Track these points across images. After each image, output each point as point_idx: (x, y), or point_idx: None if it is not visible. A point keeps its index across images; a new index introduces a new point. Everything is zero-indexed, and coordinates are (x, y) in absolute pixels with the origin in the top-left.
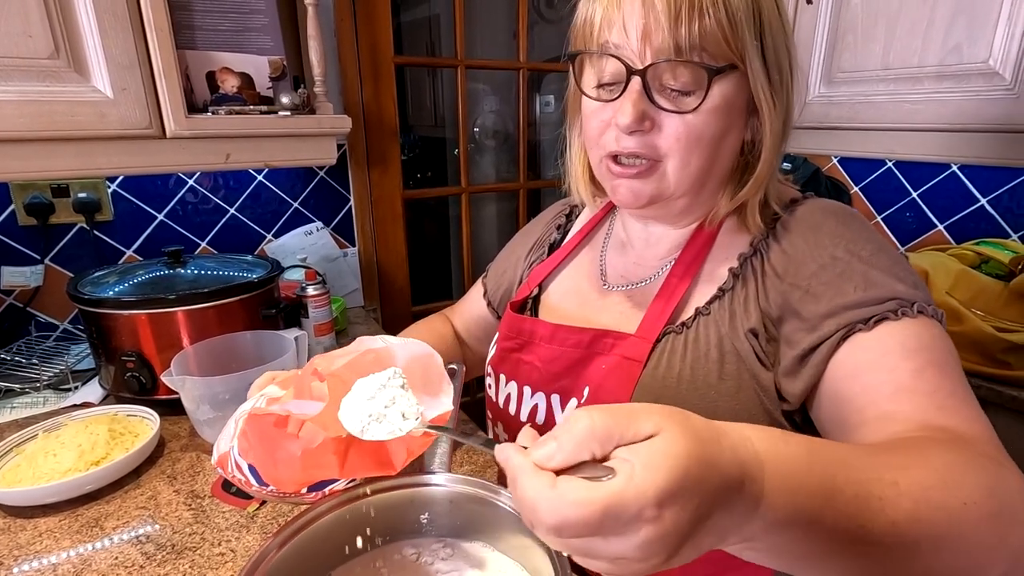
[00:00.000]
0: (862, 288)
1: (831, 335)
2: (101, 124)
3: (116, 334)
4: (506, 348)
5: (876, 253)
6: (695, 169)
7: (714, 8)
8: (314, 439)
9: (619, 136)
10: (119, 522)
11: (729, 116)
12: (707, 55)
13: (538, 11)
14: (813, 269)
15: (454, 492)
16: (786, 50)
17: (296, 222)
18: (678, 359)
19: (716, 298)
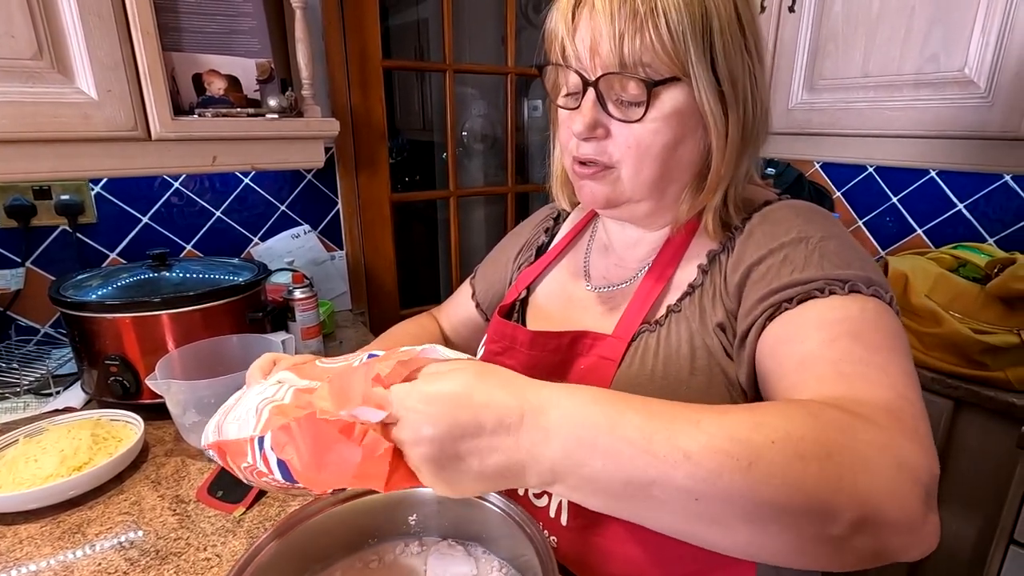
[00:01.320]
0: (799, 270)
1: (759, 317)
2: (85, 126)
3: (99, 338)
4: (492, 351)
5: (825, 240)
6: (648, 176)
7: (655, 24)
8: (376, 448)
9: (579, 142)
10: (102, 528)
11: (681, 126)
12: (651, 69)
13: (526, 16)
14: (762, 255)
15: None
16: (745, 60)
17: (283, 225)
18: (651, 356)
19: (687, 295)
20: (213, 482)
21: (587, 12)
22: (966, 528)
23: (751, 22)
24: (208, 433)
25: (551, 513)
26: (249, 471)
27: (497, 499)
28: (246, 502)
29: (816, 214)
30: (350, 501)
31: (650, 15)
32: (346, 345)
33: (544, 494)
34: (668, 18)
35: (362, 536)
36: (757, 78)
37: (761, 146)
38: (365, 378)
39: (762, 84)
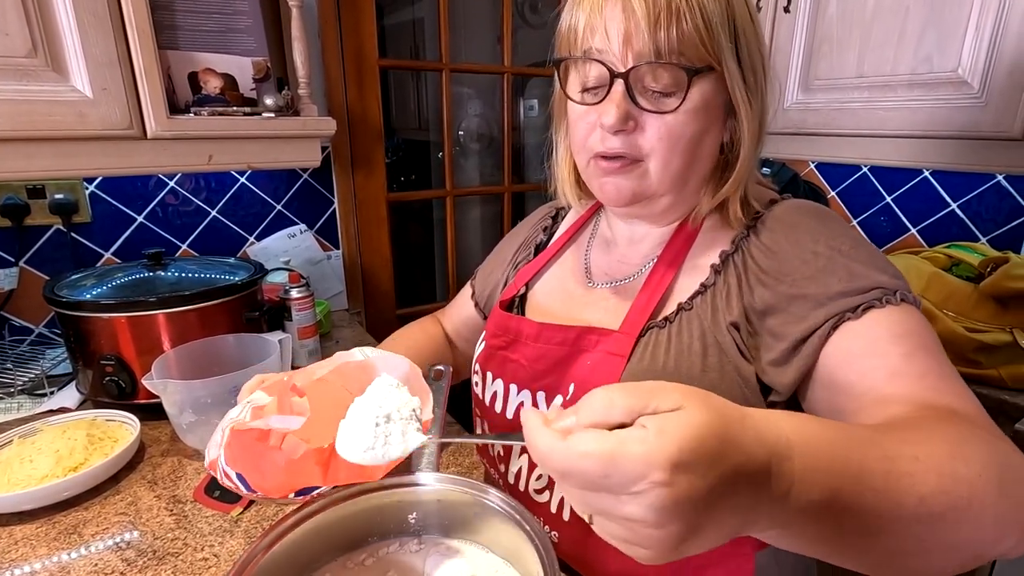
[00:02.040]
0: (846, 280)
1: (821, 324)
2: (80, 124)
3: (95, 337)
4: (493, 346)
5: (855, 247)
6: (676, 167)
7: (691, 13)
8: (296, 450)
9: (604, 136)
10: (98, 529)
11: (708, 116)
12: (685, 58)
13: (522, 16)
14: (796, 264)
15: (442, 492)
16: (759, 54)
17: (279, 224)
18: (662, 352)
19: (698, 293)
20: (210, 482)
21: (618, 3)
22: None
23: (757, 18)
24: (206, 457)
25: (552, 508)
26: (233, 488)
27: (497, 496)
28: (243, 501)
29: (828, 217)
30: (349, 500)
31: (685, 4)
32: (343, 345)
33: (546, 489)
34: (703, 8)
35: (362, 535)
36: (767, 72)
37: (763, 138)
38: (285, 388)
39: (770, 79)
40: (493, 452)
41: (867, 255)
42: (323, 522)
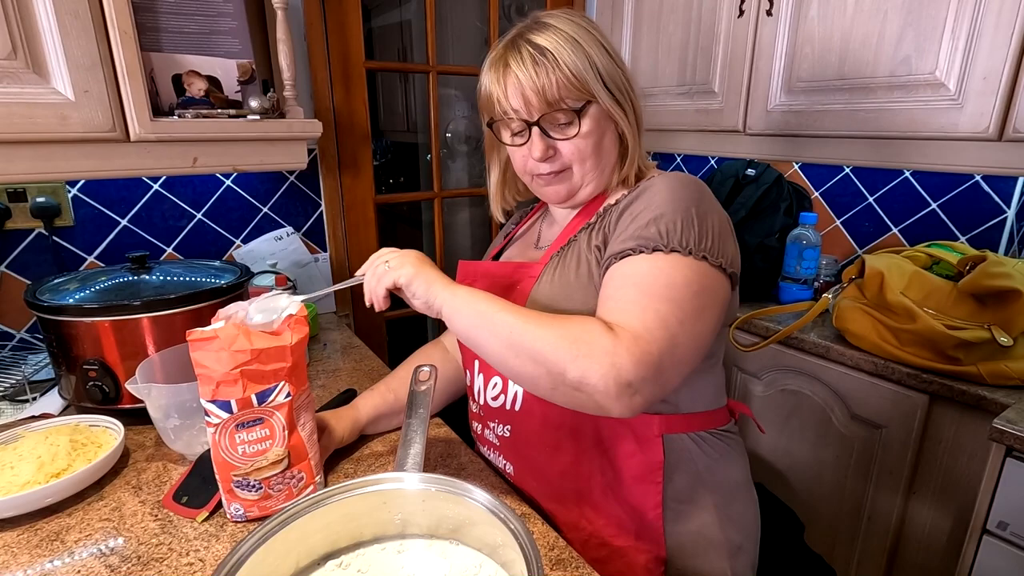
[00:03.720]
0: (630, 238)
1: (606, 262)
2: (62, 127)
3: (77, 342)
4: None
5: (668, 204)
6: (590, 166)
7: (559, 72)
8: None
9: (536, 164)
10: (81, 535)
11: (600, 128)
12: (571, 99)
13: (509, 19)
14: (626, 216)
15: (426, 492)
16: (622, 79)
17: (266, 227)
18: (557, 272)
19: (583, 230)
20: (179, 487)
21: (511, 79)
22: (942, 518)
23: (608, 43)
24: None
25: (507, 406)
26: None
27: (482, 496)
28: (208, 506)
29: (682, 188)
30: (333, 502)
31: (554, 67)
32: (331, 347)
33: (501, 394)
34: (566, 64)
35: (347, 537)
36: (630, 81)
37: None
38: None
39: (635, 87)
40: (472, 385)
41: (669, 222)
42: (308, 525)
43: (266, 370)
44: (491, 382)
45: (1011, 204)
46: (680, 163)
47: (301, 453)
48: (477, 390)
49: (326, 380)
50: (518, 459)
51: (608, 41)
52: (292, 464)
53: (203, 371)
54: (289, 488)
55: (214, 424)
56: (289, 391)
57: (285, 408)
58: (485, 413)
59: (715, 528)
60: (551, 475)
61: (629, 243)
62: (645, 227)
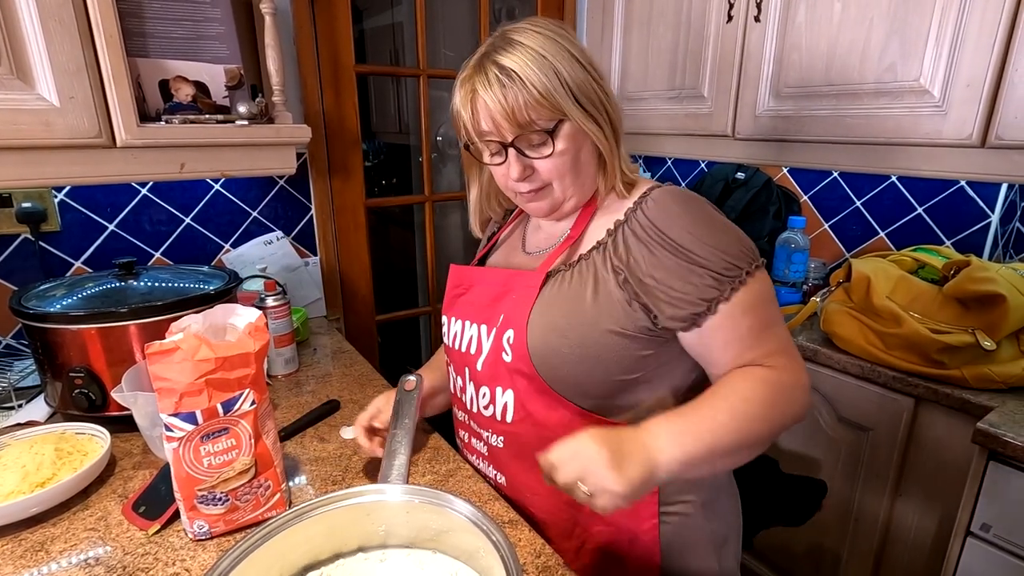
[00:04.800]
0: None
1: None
2: (47, 133)
3: (63, 349)
4: (454, 295)
5: (704, 230)
6: (569, 181)
7: (528, 93)
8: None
9: (516, 183)
10: (66, 545)
11: (575, 144)
12: (541, 120)
13: (499, 22)
14: (667, 245)
15: (409, 503)
16: (595, 90)
17: (255, 231)
18: (565, 284)
19: (595, 248)
20: (140, 496)
21: (480, 103)
22: (927, 520)
23: (581, 52)
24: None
25: (497, 416)
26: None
27: (464, 507)
28: (162, 519)
29: (691, 199)
30: (318, 514)
31: (521, 88)
32: (320, 352)
33: (490, 404)
34: (533, 85)
35: (330, 547)
36: (606, 90)
37: (622, 134)
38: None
39: (610, 93)
40: (458, 394)
41: (714, 238)
42: (291, 538)
43: (231, 378)
44: (481, 391)
45: (995, 209)
46: (671, 166)
47: (267, 461)
48: (469, 399)
49: (316, 386)
50: (510, 470)
51: (579, 48)
52: (259, 473)
53: (164, 384)
54: (256, 497)
55: (176, 439)
56: (254, 399)
57: (251, 416)
58: (476, 423)
59: (703, 524)
60: (544, 486)
61: (709, 292)
62: (702, 271)
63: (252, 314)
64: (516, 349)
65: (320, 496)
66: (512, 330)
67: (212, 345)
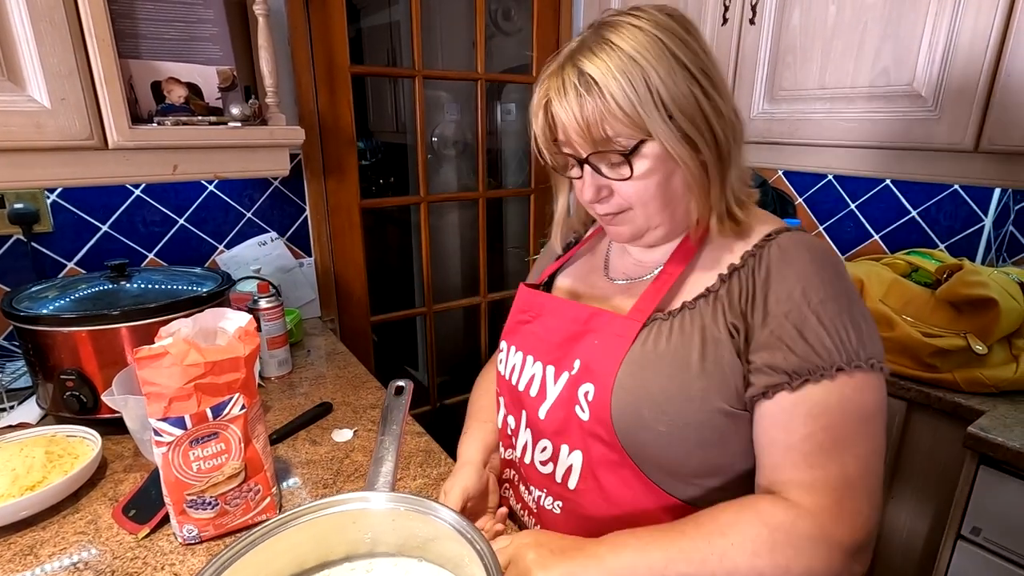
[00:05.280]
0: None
1: (762, 387)
2: (38, 135)
3: (54, 352)
4: (518, 320)
5: (825, 301)
6: (655, 209)
7: (605, 107)
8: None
9: (593, 204)
10: (56, 549)
11: (663, 167)
12: (621, 139)
13: (496, 23)
14: (779, 298)
15: (395, 511)
16: (699, 105)
17: (249, 232)
18: (663, 340)
19: (703, 296)
20: (129, 501)
21: (555, 111)
22: (919, 523)
23: (691, 55)
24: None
25: (557, 478)
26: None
27: (448, 515)
28: (151, 523)
29: (823, 260)
30: (303, 522)
31: (599, 100)
32: (314, 353)
33: (549, 461)
34: (614, 98)
35: (315, 555)
36: (716, 103)
37: (740, 153)
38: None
39: (724, 105)
40: (507, 431)
41: (834, 311)
42: (276, 546)
43: (220, 383)
44: (541, 444)
45: (988, 213)
46: None
47: (257, 465)
48: (522, 446)
49: (309, 388)
50: (572, 516)
51: (691, 50)
52: (248, 477)
53: (153, 389)
54: (247, 502)
55: (165, 443)
56: (244, 403)
57: (240, 420)
58: (527, 475)
59: None
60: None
61: (793, 363)
62: (805, 339)
63: (242, 318)
64: (596, 410)
65: (304, 504)
66: (593, 386)
67: (201, 350)
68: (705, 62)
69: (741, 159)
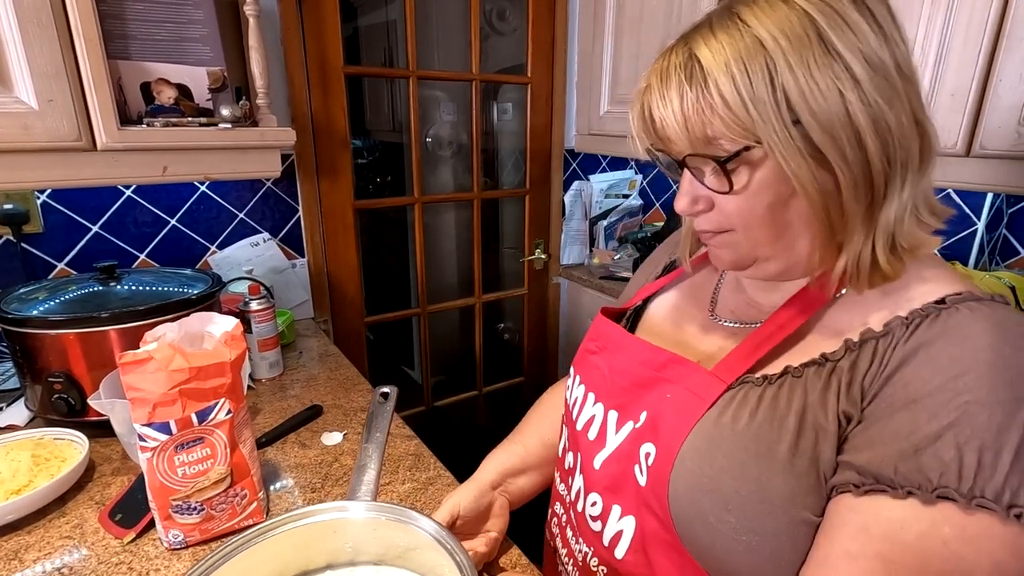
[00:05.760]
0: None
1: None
2: (25, 136)
3: (42, 354)
4: (587, 350)
5: (986, 406)
6: (764, 237)
7: (707, 98)
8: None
9: (688, 216)
10: (40, 553)
11: (776, 186)
12: (725, 141)
13: (490, 24)
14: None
15: (376, 520)
16: (848, 105)
17: (242, 233)
18: (747, 412)
19: (815, 363)
20: (116, 505)
21: (653, 100)
22: None
23: (857, 43)
24: None
25: (604, 541)
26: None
27: (429, 525)
28: (137, 527)
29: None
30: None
31: (701, 92)
32: (306, 355)
33: (599, 519)
34: (719, 90)
35: (298, 563)
36: (880, 111)
37: (919, 180)
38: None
39: (898, 114)
40: (565, 465)
41: (989, 423)
42: (256, 555)
43: (206, 388)
44: (591, 497)
45: (981, 217)
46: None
47: (243, 470)
48: (575, 492)
49: (300, 390)
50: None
51: (861, 34)
52: (235, 482)
53: (137, 394)
54: (233, 507)
55: (150, 448)
56: (230, 408)
57: (226, 425)
58: (578, 522)
59: None
60: None
61: (877, 461)
62: (916, 438)
63: (228, 322)
64: (653, 481)
65: (284, 513)
66: (655, 448)
67: (187, 355)
68: (880, 52)
69: (919, 189)
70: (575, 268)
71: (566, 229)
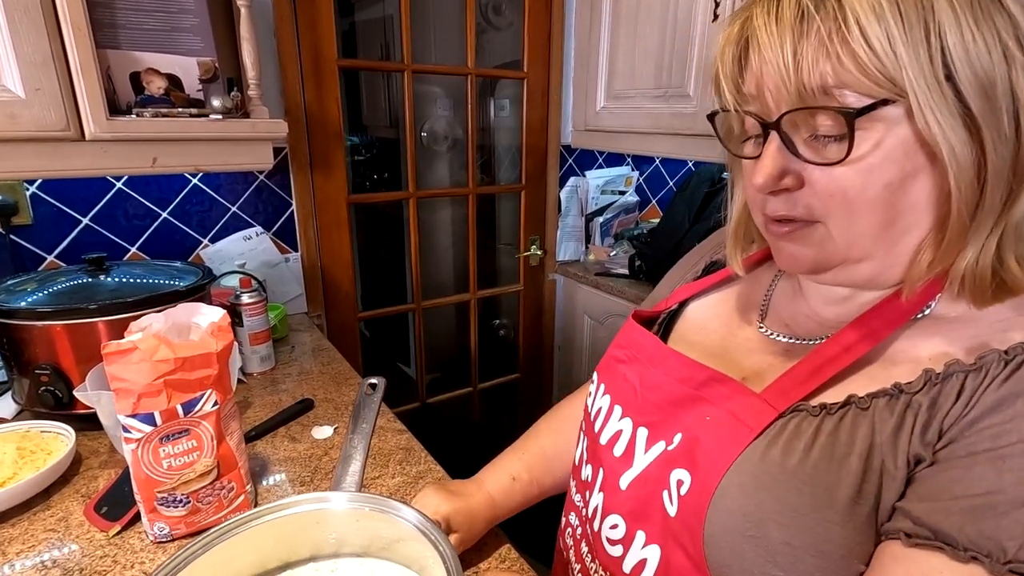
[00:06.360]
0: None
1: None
2: (11, 125)
3: (29, 346)
4: (614, 357)
5: None
6: (868, 228)
7: (840, 39)
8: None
9: (765, 197)
10: (24, 547)
11: (907, 159)
12: (849, 91)
13: (486, 18)
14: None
15: (359, 511)
16: (1012, 70)
17: (235, 226)
18: (801, 447)
19: (886, 394)
20: (102, 498)
21: (756, 37)
22: None
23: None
24: None
25: (625, 568)
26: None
27: (412, 515)
28: (123, 520)
29: None
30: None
31: (832, 23)
32: (299, 349)
33: (619, 543)
34: (860, 19)
35: (277, 556)
36: None
37: None
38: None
39: None
40: (582, 475)
41: None
42: (237, 546)
43: (191, 379)
44: (611, 519)
45: None
46: (659, 165)
47: (230, 463)
48: (592, 510)
49: (291, 384)
50: None
51: None
52: (221, 474)
53: (122, 385)
54: (219, 499)
55: (135, 440)
56: (216, 399)
57: (213, 417)
58: (594, 542)
59: None
60: None
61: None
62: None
63: (215, 313)
64: (685, 513)
65: (265, 505)
66: (690, 477)
67: (172, 345)
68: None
69: None
70: (571, 264)
71: (562, 225)
